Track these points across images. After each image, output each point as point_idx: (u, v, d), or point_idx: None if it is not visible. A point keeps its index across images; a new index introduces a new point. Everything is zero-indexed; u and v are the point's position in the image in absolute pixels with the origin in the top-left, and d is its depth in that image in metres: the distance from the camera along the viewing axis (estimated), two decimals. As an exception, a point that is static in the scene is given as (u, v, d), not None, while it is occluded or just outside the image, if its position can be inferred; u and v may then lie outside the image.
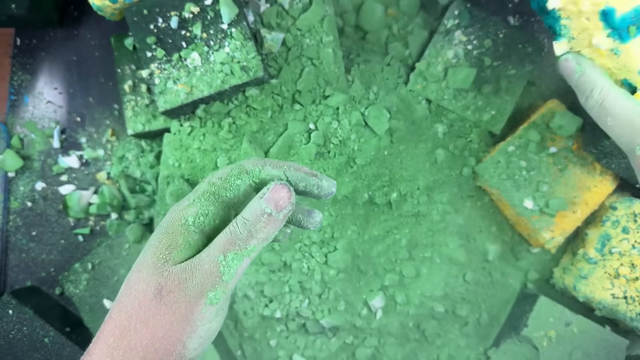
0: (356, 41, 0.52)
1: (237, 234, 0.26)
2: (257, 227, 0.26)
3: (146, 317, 0.26)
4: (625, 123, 0.32)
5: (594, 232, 0.47)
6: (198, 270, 0.26)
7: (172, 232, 0.28)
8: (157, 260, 0.27)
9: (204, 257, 0.27)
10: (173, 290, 0.26)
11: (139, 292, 0.27)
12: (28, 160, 0.54)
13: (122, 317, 0.26)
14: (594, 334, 0.46)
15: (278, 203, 0.27)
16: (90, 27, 0.55)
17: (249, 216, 0.27)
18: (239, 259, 0.26)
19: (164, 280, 0.26)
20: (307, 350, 0.50)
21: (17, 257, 0.53)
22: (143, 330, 0.26)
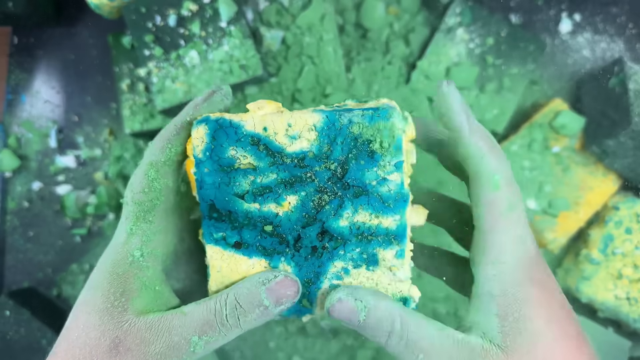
0: (357, 39, 0.51)
1: (222, 320, 0.23)
2: (247, 319, 0.23)
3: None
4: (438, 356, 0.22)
5: (596, 233, 0.47)
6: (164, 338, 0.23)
7: (122, 274, 0.24)
8: (113, 308, 0.24)
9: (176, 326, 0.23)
10: (132, 349, 0.23)
11: (90, 340, 0.23)
12: (25, 160, 0.53)
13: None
14: (597, 335, 0.46)
15: (280, 300, 0.24)
16: (88, 26, 0.54)
17: (242, 302, 0.23)
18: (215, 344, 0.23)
19: (122, 335, 0.23)
20: (307, 353, 0.50)
21: (14, 257, 0.53)
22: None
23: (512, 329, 0.22)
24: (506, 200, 0.23)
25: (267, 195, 0.25)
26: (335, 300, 0.24)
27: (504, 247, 0.23)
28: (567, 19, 0.52)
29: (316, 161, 0.24)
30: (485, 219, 0.23)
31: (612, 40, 0.52)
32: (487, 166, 0.23)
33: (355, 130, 0.23)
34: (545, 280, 0.23)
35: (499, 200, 0.23)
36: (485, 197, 0.23)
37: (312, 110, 0.24)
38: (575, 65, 0.52)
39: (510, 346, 0.22)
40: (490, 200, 0.23)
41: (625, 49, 0.52)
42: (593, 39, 0.52)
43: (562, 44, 0.52)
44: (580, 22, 0.52)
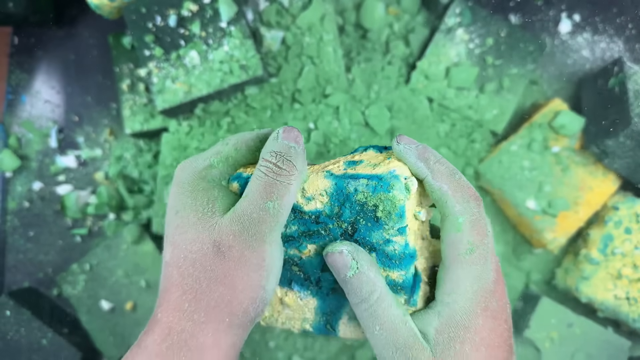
0: (356, 40, 0.51)
1: (276, 170, 0.26)
2: (295, 158, 0.26)
3: (216, 275, 0.26)
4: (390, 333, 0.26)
5: (596, 233, 0.47)
6: (251, 220, 0.26)
7: (203, 189, 0.28)
8: (202, 216, 0.27)
9: (249, 206, 0.26)
10: (233, 245, 0.26)
11: (195, 254, 0.26)
12: (25, 160, 0.53)
13: (190, 281, 0.26)
14: (596, 335, 0.46)
15: (297, 139, 0.27)
16: (88, 26, 0.54)
17: (279, 148, 0.27)
18: (284, 198, 0.26)
19: (218, 236, 0.26)
20: (307, 352, 0.50)
21: (15, 257, 0.53)
22: (220, 288, 0.26)
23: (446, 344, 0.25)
24: (467, 242, 0.25)
25: (291, 242, 0.29)
26: (336, 250, 0.26)
27: (460, 282, 0.25)
28: (566, 19, 0.52)
29: (329, 219, 0.27)
30: (447, 256, 0.26)
31: (612, 41, 0.52)
32: (451, 209, 0.25)
33: (360, 198, 0.26)
34: (496, 311, 0.26)
35: (460, 242, 0.25)
36: (448, 237, 0.26)
37: (324, 175, 0.27)
38: (574, 65, 0.52)
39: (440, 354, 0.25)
40: (452, 241, 0.25)
41: (625, 49, 0.52)
42: (593, 39, 0.52)
43: (561, 44, 0.52)
44: (580, 22, 0.52)
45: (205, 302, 0.26)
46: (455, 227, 0.25)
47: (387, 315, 0.26)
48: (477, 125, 0.50)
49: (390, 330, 0.26)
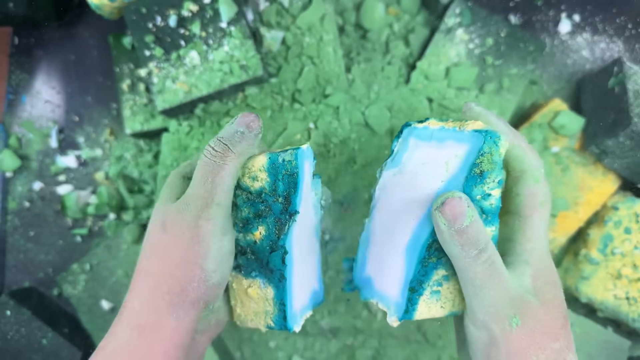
0: (356, 40, 0.51)
1: (212, 154, 0.28)
2: (232, 142, 0.28)
3: (159, 250, 0.29)
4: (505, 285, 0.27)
5: (596, 233, 0.47)
6: (190, 198, 0.29)
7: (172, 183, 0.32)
8: (162, 203, 0.30)
9: (191, 186, 0.29)
10: (174, 221, 0.28)
11: (150, 234, 0.30)
12: (26, 160, 0.53)
13: (144, 260, 0.29)
14: (596, 335, 0.46)
15: (249, 125, 0.29)
16: (89, 26, 0.54)
17: (223, 135, 0.29)
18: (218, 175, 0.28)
19: (164, 216, 0.29)
20: (307, 352, 0.50)
21: (15, 257, 0.53)
22: (159, 263, 0.28)
23: (544, 288, 0.28)
24: (544, 193, 0.29)
25: (246, 226, 0.30)
26: (456, 196, 0.26)
27: (539, 229, 0.29)
28: (566, 19, 0.52)
29: (269, 196, 0.29)
30: (526, 206, 0.29)
31: (612, 41, 0.52)
32: (529, 164, 0.29)
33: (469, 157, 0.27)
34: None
35: (539, 192, 0.29)
36: (528, 188, 0.29)
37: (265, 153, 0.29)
38: (574, 65, 0.52)
39: (543, 299, 0.28)
40: (531, 192, 0.29)
41: (625, 49, 0.52)
42: (592, 39, 0.52)
43: (561, 45, 0.53)
44: (580, 22, 0.53)
45: (150, 277, 0.28)
46: (534, 179, 0.28)
47: (502, 267, 0.28)
48: (477, 125, 0.50)
49: (506, 281, 0.27)
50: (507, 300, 0.27)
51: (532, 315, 0.27)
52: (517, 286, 0.28)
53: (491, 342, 0.28)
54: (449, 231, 0.26)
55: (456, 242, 0.26)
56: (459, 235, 0.26)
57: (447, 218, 0.26)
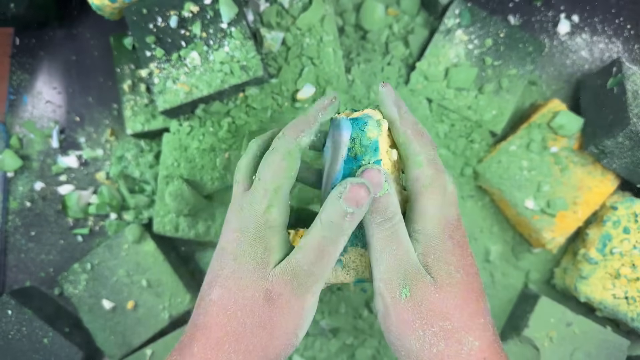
0: (356, 40, 0.51)
1: (327, 238, 0.28)
2: (343, 227, 0.28)
3: (262, 321, 0.28)
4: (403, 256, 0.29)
5: (594, 232, 0.47)
6: (299, 271, 0.28)
7: (262, 236, 0.29)
8: (258, 266, 0.29)
9: (302, 259, 0.28)
10: (283, 293, 0.28)
11: (246, 300, 0.28)
12: (27, 160, 0.54)
13: (235, 324, 0.28)
14: (595, 335, 0.46)
15: (359, 202, 0.28)
16: (90, 27, 0.55)
17: (333, 218, 0.28)
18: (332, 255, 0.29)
19: (270, 285, 0.28)
20: (307, 351, 0.50)
21: (16, 257, 0.53)
22: (261, 333, 0.28)
23: (437, 267, 0.29)
24: (426, 176, 0.30)
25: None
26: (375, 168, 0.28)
27: (426, 209, 0.29)
28: (565, 20, 0.53)
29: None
30: (412, 191, 0.30)
31: (611, 41, 0.52)
32: (413, 149, 0.30)
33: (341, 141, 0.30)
34: (461, 242, 0.30)
35: (422, 175, 0.30)
36: (412, 173, 0.30)
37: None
38: (573, 66, 0.52)
39: (436, 278, 0.29)
40: (415, 176, 0.30)
41: (624, 49, 0.52)
42: (591, 40, 0.53)
43: (560, 45, 0.53)
44: (579, 23, 0.53)
45: (244, 344, 0.28)
46: (416, 164, 0.30)
47: (404, 238, 0.29)
48: (476, 126, 0.50)
49: (404, 253, 0.29)
50: (401, 270, 0.29)
51: (421, 290, 0.28)
52: (415, 262, 0.29)
53: (385, 311, 0.29)
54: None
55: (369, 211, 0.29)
56: (372, 203, 0.28)
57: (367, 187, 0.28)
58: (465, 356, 0.28)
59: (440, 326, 0.28)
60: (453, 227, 0.30)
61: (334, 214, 0.28)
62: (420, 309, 0.28)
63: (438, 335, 0.28)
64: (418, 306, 0.28)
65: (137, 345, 0.49)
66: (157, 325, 0.49)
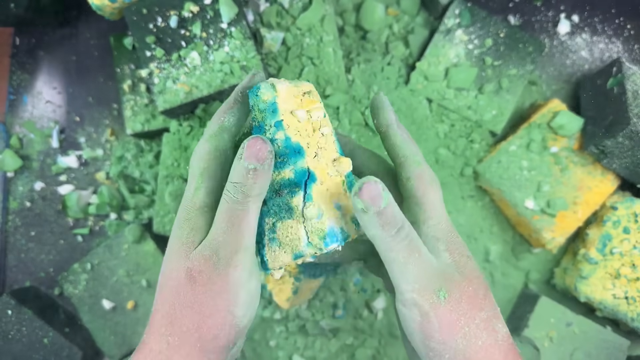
0: (356, 40, 0.51)
1: (233, 201, 0.28)
2: (248, 186, 0.28)
3: (188, 301, 0.28)
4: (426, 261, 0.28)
5: (595, 232, 0.47)
6: (217, 245, 0.28)
7: (189, 218, 0.29)
8: (182, 246, 0.29)
9: (216, 232, 0.28)
10: (203, 270, 0.28)
11: (173, 280, 0.29)
12: (27, 160, 0.54)
13: (167, 306, 0.28)
14: (595, 335, 0.46)
15: (258, 156, 0.27)
16: (90, 27, 0.55)
17: (237, 179, 0.28)
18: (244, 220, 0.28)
19: (191, 263, 0.28)
20: (307, 351, 0.50)
21: (16, 257, 0.53)
22: (190, 313, 0.28)
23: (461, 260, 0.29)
24: (429, 174, 0.30)
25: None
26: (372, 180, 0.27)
27: (436, 205, 0.30)
28: (565, 20, 0.53)
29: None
30: (418, 188, 0.30)
31: (610, 41, 0.52)
32: (411, 150, 0.31)
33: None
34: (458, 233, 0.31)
35: (425, 173, 0.30)
36: (414, 172, 0.30)
37: None
38: (573, 66, 0.52)
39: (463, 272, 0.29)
40: (418, 174, 0.30)
41: (624, 49, 0.52)
42: (591, 40, 0.53)
43: (560, 45, 0.53)
44: (579, 23, 0.53)
45: (178, 326, 0.28)
46: (416, 163, 0.30)
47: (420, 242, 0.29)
48: (476, 126, 0.50)
49: (427, 258, 0.28)
50: (431, 274, 0.28)
51: (456, 287, 0.28)
52: (437, 261, 0.29)
53: (423, 319, 0.28)
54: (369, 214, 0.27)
55: (376, 224, 0.28)
56: (379, 217, 0.27)
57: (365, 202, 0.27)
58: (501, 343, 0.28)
59: (480, 317, 0.28)
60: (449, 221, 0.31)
61: (236, 175, 0.28)
62: (462, 306, 0.28)
63: (480, 327, 0.28)
64: (458, 304, 0.28)
65: (137, 345, 0.49)
66: (157, 325, 0.49)
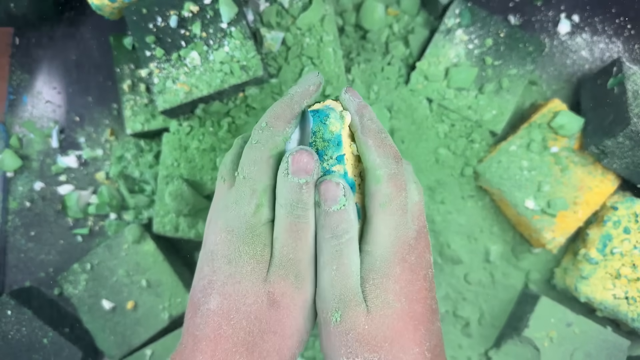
0: (356, 40, 0.51)
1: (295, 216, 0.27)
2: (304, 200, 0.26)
3: (271, 326, 0.26)
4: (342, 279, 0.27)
5: (595, 233, 0.47)
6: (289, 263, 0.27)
7: (260, 234, 0.27)
8: (257, 265, 0.27)
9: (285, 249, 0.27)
10: (285, 292, 0.27)
11: (249, 306, 0.26)
12: (27, 160, 0.54)
13: (242, 333, 0.26)
14: (595, 335, 0.46)
15: (307, 169, 0.26)
16: (89, 27, 0.54)
17: (291, 196, 0.26)
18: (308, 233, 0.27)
19: (270, 287, 0.27)
20: (307, 352, 0.50)
21: (16, 257, 0.53)
22: (273, 338, 0.26)
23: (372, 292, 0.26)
24: (384, 194, 0.27)
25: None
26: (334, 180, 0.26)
27: (379, 232, 0.27)
28: (565, 19, 0.52)
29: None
30: (368, 208, 0.27)
31: (611, 41, 0.52)
32: (372, 162, 0.27)
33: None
34: (414, 265, 0.27)
35: (379, 193, 0.27)
36: (369, 189, 0.27)
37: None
38: (574, 65, 0.52)
39: (370, 305, 0.26)
40: (372, 192, 0.27)
41: (624, 49, 0.52)
42: (592, 39, 0.53)
43: (560, 45, 0.53)
44: (579, 23, 0.53)
45: (257, 352, 0.26)
46: (375, 179, 0.27)
47: (349, 259, 0.27)
48: (476, 126, 0.50)
49: (343, 275, 0.27)
50: (337, 292, 0.27)
51: (352, 318, 0.26)
52: (354, 286, 0.27)
53: (319, 328, 0.28)
54: (319, 209, 0.27)
55: (320, 220, 0.27)
56: (324, 216, 0.27)
57: (320, 196, 0.27)
58: None
59: (365, 357, 0.26)
60: (408, 249, 0.28)
61: (290, 193, 0.26)
62: (348, 338, 0.26)
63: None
64: (345, 334, 0.26)
65: (137, 345, 0.49)
66: (157, 325, 0.49)
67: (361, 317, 0.26)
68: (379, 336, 0.26)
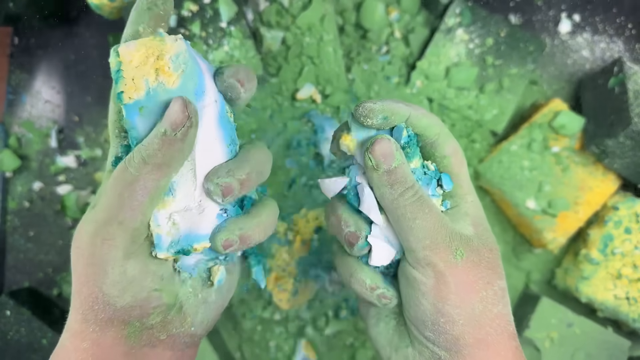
0: (357, 40, 0.51)
1: (130, 162, 0.24)
2: (149, 151, 0.24)
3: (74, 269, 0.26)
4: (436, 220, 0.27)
5: (596, 233, 0.47)
6: (98, 208, 0.25)
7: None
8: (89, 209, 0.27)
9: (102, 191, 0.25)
10: (79, 231, 0.25)
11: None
12: (26, 160, 0.53)
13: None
14: (596, 335, 0.46)
15: (172, 120, 0.24)
16: (89, 26, 0.54)
17: (145, 141, 0.25)
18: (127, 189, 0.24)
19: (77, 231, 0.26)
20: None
21: (15, 257, 0.53)
22: (74, 280, 0.26)
23: (484, 233, 0.29)
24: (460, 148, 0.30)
25: None
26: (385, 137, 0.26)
27: (469, 181, 0.30)
28: (566, 19, 0.52)
29: None
30: (455, 164, 0.29)
31: (612, 41, 0.52)
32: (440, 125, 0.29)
33: None
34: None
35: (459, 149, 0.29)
36: (450, 148, 0.29)
37: None
38: (574, 65, 0.52)
39: (483, 241, 0.28)
40: (454, 149, 0.29)
41: (625, 49, 0.52)
42: (592, 39, 0.52)
43: (561, 44, 0.53)
44: (580, 22, 0.52)
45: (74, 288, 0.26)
46: (450, 137, 0.29)
47: (432, 202, 0.27)
48: (477, 125, 0.50)
49: (438, 215, 0.27)
50: (445, 232, 0.27)
51: (475, 251, 0.27)
52: (451, 224, 0.28)
53: (438, 280, 0.26)
54: (379, 172, 0.26)
55: (385, 182, 0.26)
56: (388, 175, 0.26)
57: (376, 158, 0.26)
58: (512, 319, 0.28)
59: (499, 285, 0.27)
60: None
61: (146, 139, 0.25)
62: (480, 268, 0.27)
63: (497, 294, 0.27)
64: (477, 266, 0.27)
65: (136, 346, 0.49)
66: (156, 325, 0.48)
67: (483, 250, 0.27)
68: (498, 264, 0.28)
